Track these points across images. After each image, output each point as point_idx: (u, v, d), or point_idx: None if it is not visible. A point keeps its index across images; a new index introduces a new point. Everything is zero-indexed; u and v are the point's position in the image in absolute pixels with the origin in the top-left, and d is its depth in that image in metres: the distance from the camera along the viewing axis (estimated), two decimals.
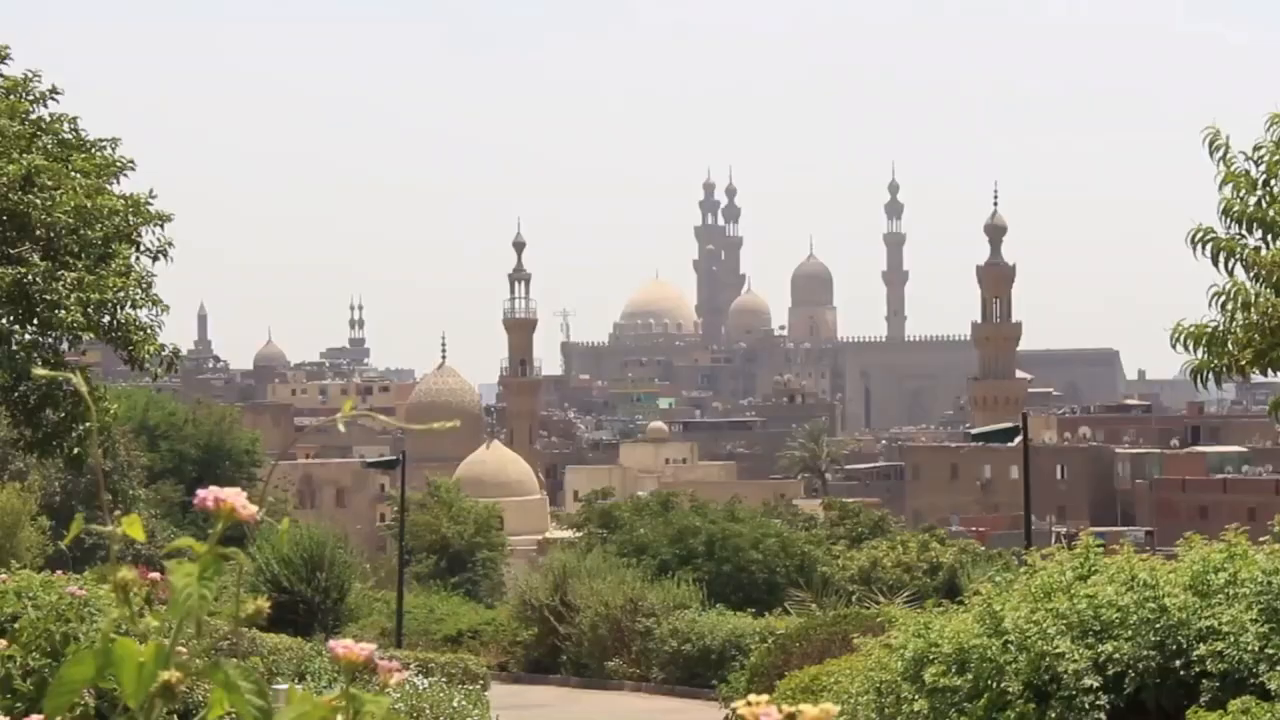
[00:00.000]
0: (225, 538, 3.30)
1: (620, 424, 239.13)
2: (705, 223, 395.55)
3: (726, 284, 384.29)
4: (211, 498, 3.45)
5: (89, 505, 61.78)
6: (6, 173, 25.21)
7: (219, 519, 3.47)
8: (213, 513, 3.46)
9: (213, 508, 3.45)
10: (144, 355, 26.43)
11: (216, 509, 3.45)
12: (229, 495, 3.45)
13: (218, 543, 3.38)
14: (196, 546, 3.40)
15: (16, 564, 17.23)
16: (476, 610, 57.68)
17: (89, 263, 25.68)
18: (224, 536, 3.31)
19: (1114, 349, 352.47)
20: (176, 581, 3.34)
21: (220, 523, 3.48)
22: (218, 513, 3.45)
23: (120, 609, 3.55)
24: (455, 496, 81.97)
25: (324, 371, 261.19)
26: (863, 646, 20.17)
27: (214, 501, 3.45)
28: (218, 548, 3.45)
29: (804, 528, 70.21)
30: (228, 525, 3.51)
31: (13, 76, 27.06)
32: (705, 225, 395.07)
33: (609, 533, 65.24)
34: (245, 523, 3.53)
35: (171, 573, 3.37)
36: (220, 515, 3.45)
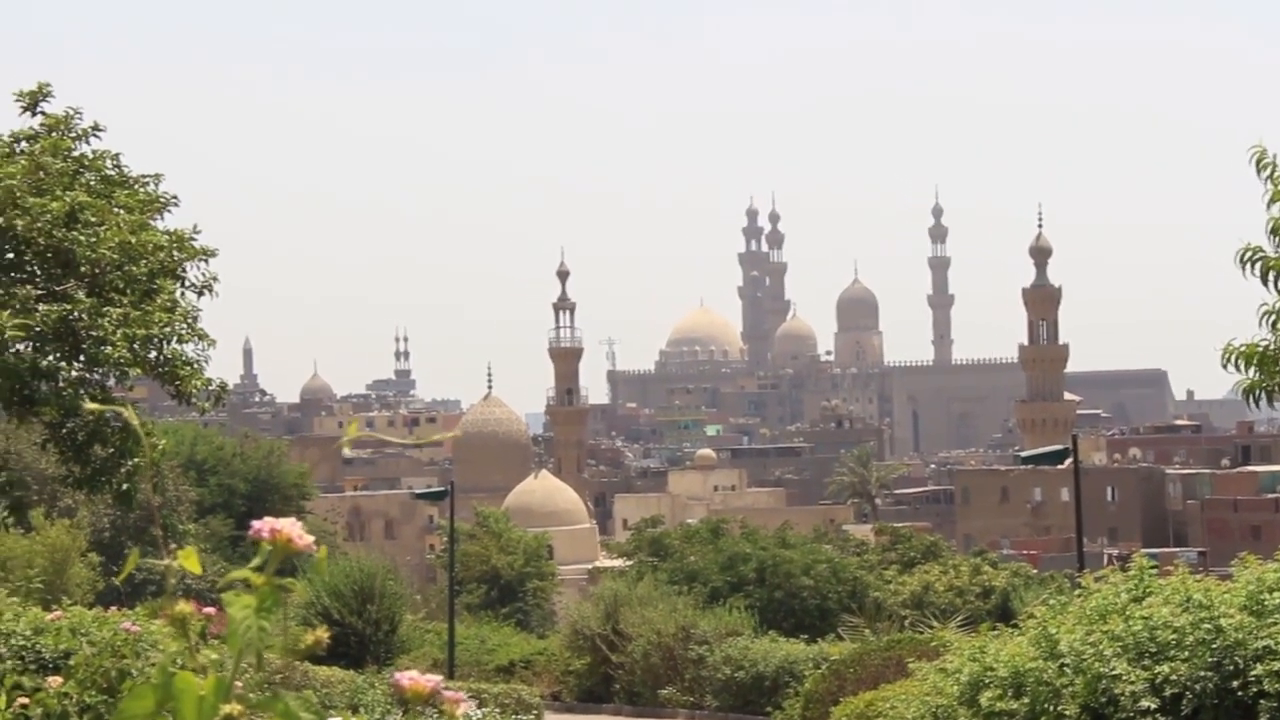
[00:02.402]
0: (278, 570, 3.29)
1: (668, 452, 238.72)
2: (749, 249, 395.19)
3: (771, 310, 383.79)
4: (267, 529, 3.45)
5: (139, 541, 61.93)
6: (50, 210, 25.29)
7: (275, 550, 3.45)
8: (268, 544, 3.45)
9: (268, 539, 3.44)
10: (191, 390, 26.46)
11: (272, 540, 3.45)
12: (285, 526, 3.45)
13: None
14: (254, 578, 3.39)
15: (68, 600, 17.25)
16: (528, 640, 57.52)
17: (134, 298, 25.72)
18: (279, 569, 3.31)
19: (1162, 369, 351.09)
20: (235, 614, 3.34)
21: (276, 554, 3.47)
22: (274, 544, 3.44)
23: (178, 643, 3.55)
24: (504, 527, 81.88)
25: (370, 403, 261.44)
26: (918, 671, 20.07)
27: (270, 533, 3.44)
28: (275, 579, 3.44)
29: (855, 553, 70.05)
30: (282, 557, 3.50)
31: (55, 114, 27.17)
32: (749, 251, 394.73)
33: (659, 561, 65.14)
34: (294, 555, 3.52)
35: (229, 605, 3.36)
36: (276, 547, 3.44)
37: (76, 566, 48.59)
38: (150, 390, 29.77)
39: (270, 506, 75.56)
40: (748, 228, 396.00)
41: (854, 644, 40.53)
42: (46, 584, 40.40)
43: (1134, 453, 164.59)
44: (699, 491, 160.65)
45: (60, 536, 48.82)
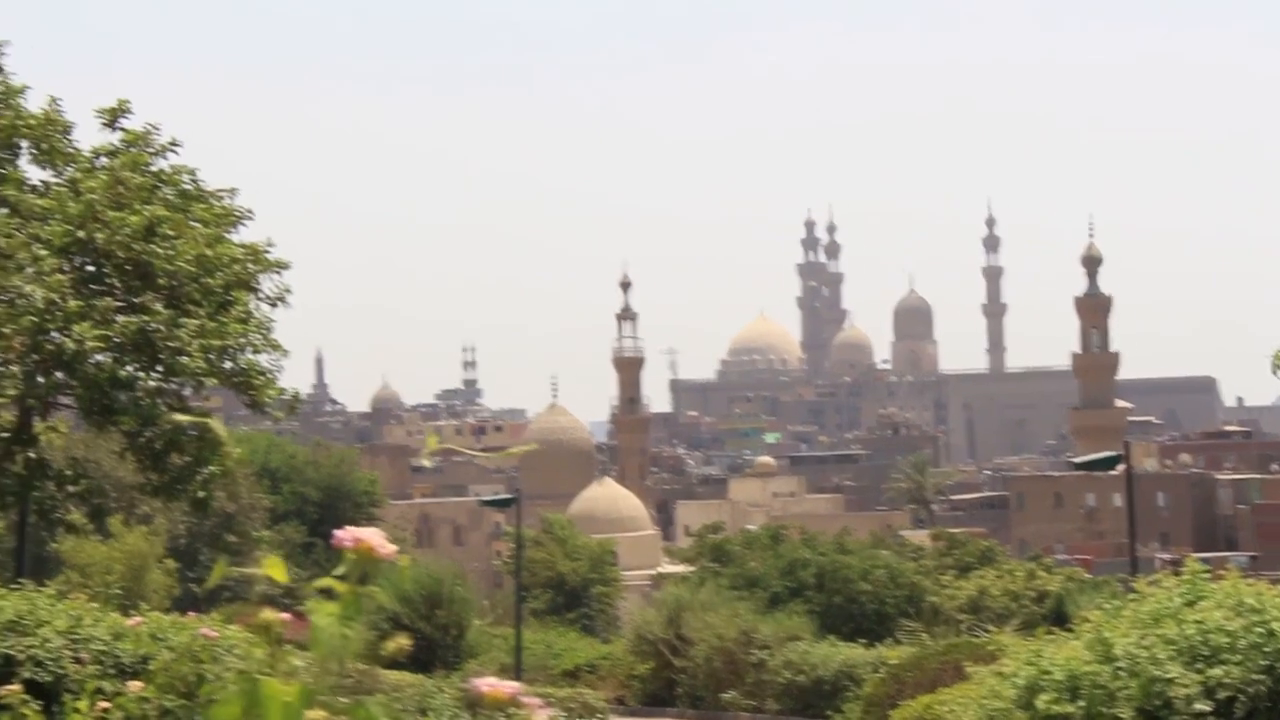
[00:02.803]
0: (345, 576, 3.29)
1: (728, 459, 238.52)
2: (807, 259, 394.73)
3: (829, 319, 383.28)
4: (351, 538, 3.45)
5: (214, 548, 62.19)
6: (129, 224, 25.42)
7: (358, 559, 3.46)
8: (352, 553, 3.45)
9: (352, 548, 3.45)
10: (265, 399, 26.58)
11: (356, 549, 3.45)
12: (367, 535, 3.45)
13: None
14: (338, 586, 3.39)
15: (145, 606, 17.30)
16: (593, 645, 57.45)
17: (210, 310, 25.85)
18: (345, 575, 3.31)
19: (1212, 376, 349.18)
20: (319, 621, 3.34)
21: (359, 563, 3.47)
22: (357, 553, 3.44)
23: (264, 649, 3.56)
24: (570, 533, 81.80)
25: (438, 413, 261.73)
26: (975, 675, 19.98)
27: (353, 542, 3.45)
28: (358, 587, 3.45)
29: (912, 558, 69.77)
30: (365, 565, 3.50)
31: (134, 130, 27.33)
32: (807, 262, 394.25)
33: (721, 566, 65.03)
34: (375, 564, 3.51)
35: (314, 613, 3.37)
36: (359, 555, 3.45)
37: (154, 572, 48.70)
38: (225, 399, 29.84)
39: (341, 514, 75.69)
40: (806, 239, 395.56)
41: (912, 648, 40.40)
42: (125, 589, 40.53)
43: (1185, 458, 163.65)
44: (759, 498, 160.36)
45: (138, 543, 48.96)
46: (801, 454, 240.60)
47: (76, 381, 25.35)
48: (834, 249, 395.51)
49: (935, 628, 50.37)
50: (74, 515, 30.97)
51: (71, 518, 31.39)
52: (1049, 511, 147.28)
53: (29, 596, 14.60)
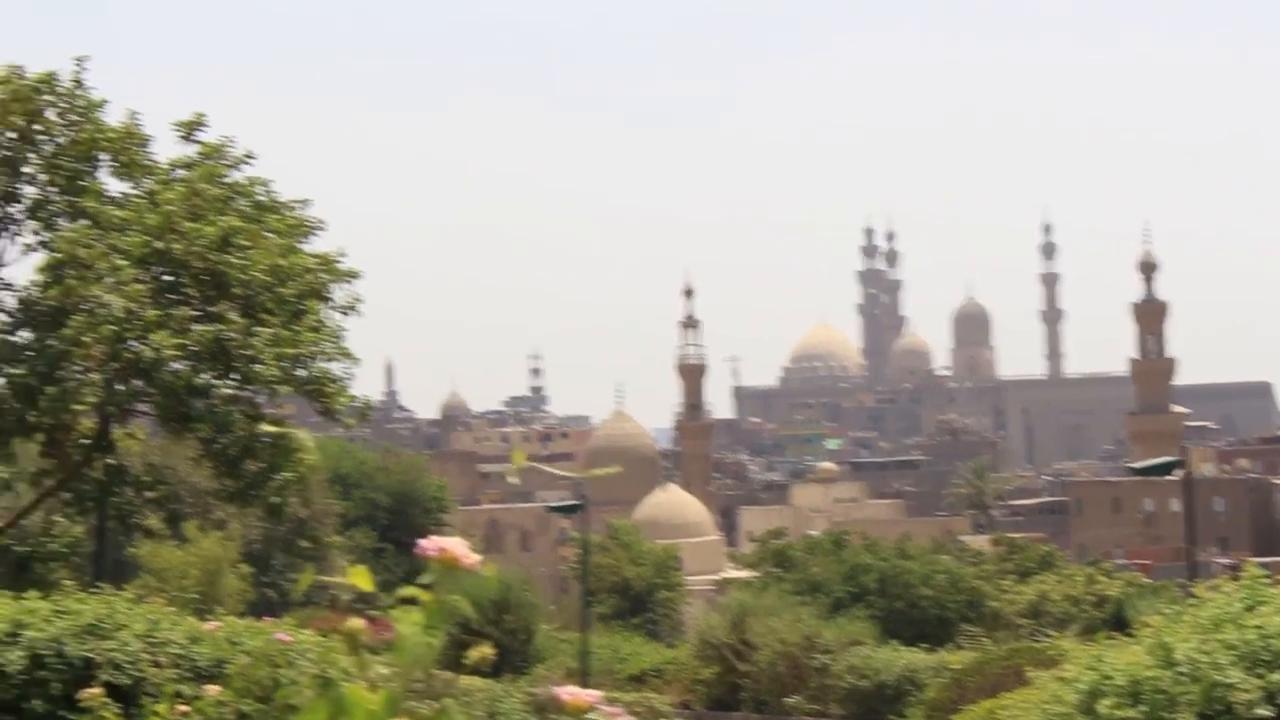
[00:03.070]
0: (417, 581, 3.27)
1: (790, 465, 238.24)
2: (867, 266, 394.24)
3: (888, 326, 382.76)
4: (435, 547, 3.42)
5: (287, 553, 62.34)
6: (205, 234, 25.54)
7: (442, 568, 3.43)
8: (435, 562, 3.42)
9: (436, 557, 3.42)
10: (337, 406, 26.64)
11: (440, 559, 3.42)
12: (452, 545, 3.42)
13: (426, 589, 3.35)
14: (422, 595, 3.38)
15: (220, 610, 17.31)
16: (658, 650, 57.40)
17: (284, 319, 25.93)
18: (417, 580, 3.29)
19: (1268, 381, 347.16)
20: (404, 630, 3.32)
21: (443, 572, 3.44)
22: (441, 562, 3.41)
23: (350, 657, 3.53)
24: (635, 538, 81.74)
25: (506, 419, 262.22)
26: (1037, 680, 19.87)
27: (437, 551, 3.42)
28: (443, 596, 3.43)
29: (972, 563, 69.54)
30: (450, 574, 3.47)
31: (209, 143, 27.47)
32: (867, 269, 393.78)
33: (784, 572, 64.95)
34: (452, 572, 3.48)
35: (399, 621, 3.35)
36: (443, 564, 3.42)
37: (228, 577, 48.83)
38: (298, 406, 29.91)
39: (411, 520, 75.81)
40: (865, 246, 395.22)
41: (973, 653, 40.28)
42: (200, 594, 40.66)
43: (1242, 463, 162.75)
44: (821, 504, 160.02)
45: (213, 548, 49.09)
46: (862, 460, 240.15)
47: (154, 389, 25.47)
48: (893, 256, 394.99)
49: (996, 633, 50.22)
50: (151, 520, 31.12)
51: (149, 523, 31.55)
52: (1107, 516, 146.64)
53: (108, 600, 14.62)
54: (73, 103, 27.00)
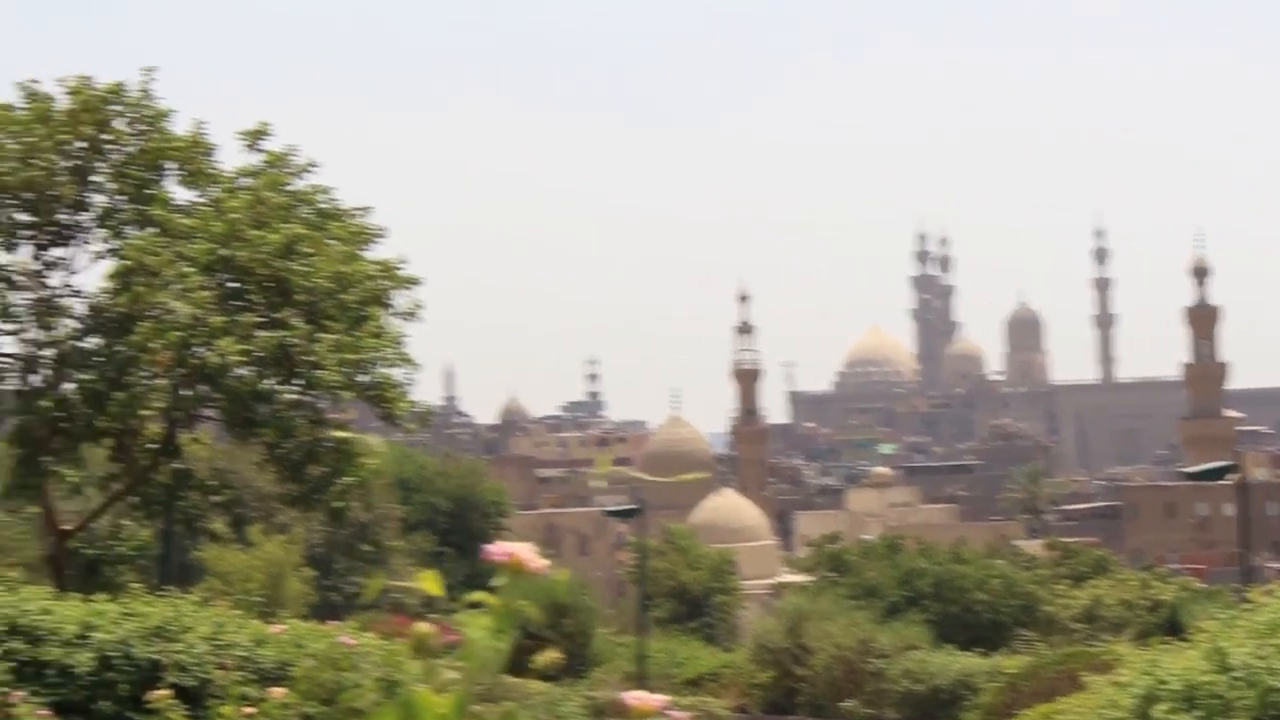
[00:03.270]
0: (476, 585, 3.27)
1: (845, 469, 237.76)
2: (919, 272, 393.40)
3: (941, 331, 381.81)
4: (503, 552, 3.42)
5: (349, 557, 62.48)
6: (270, 242, 25.63)
7: (510, 574, 3.42)
8: (504, 567, 3.42)
9: (504, 562, 3.42)
10: (398, 412, 26.69)
11: (508, 564, 3.42)
12: (519, 550, 3.42)
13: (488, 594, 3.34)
14: (490, 599, 3.38)
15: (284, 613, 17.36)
16: (714, 653, 57.31)
17: (346, 325, 25.99)
18: (477, 583, 3.28)
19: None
20: (472, 634, 3.32)
21: (511, 577, 3.44)
22: (509, 567, 3.41)
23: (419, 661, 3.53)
24: (691, 543, 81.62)
25: (563, 424, 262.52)
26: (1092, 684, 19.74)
27: (505, 556, 3.42)
28: (510, 601, 3.43)
29: (1026, 568, 69.30)
30: (518, 579, 3.47)
31: (273, 152, 27.57)
32: (920, 275, 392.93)
33: (839, 576, 64.81)
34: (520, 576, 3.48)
35: (467, 626, 3.34)
36: (511, 569, 3.42)
37: (291, 580, 48.94)
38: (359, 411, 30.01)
39: (470, 524, 75.94)
40: (918, 251, 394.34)
41: (1028, 657, 40.12)
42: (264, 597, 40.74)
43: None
44: (875, 508, 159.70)
45: (277, 551, 49.23)
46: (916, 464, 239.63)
47: (220, 394, 25.55)
48: (946, 262, 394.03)
49: (1050, 637, 50.01)
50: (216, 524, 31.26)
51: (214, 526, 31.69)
52: (1161, 521, 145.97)
53: (174, 603, 14.68)
54: (140, 112, 27.12)
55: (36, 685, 12.77)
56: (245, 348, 25.00)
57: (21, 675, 12.68)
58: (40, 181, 26.15)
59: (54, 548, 28.31)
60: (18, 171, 25.97)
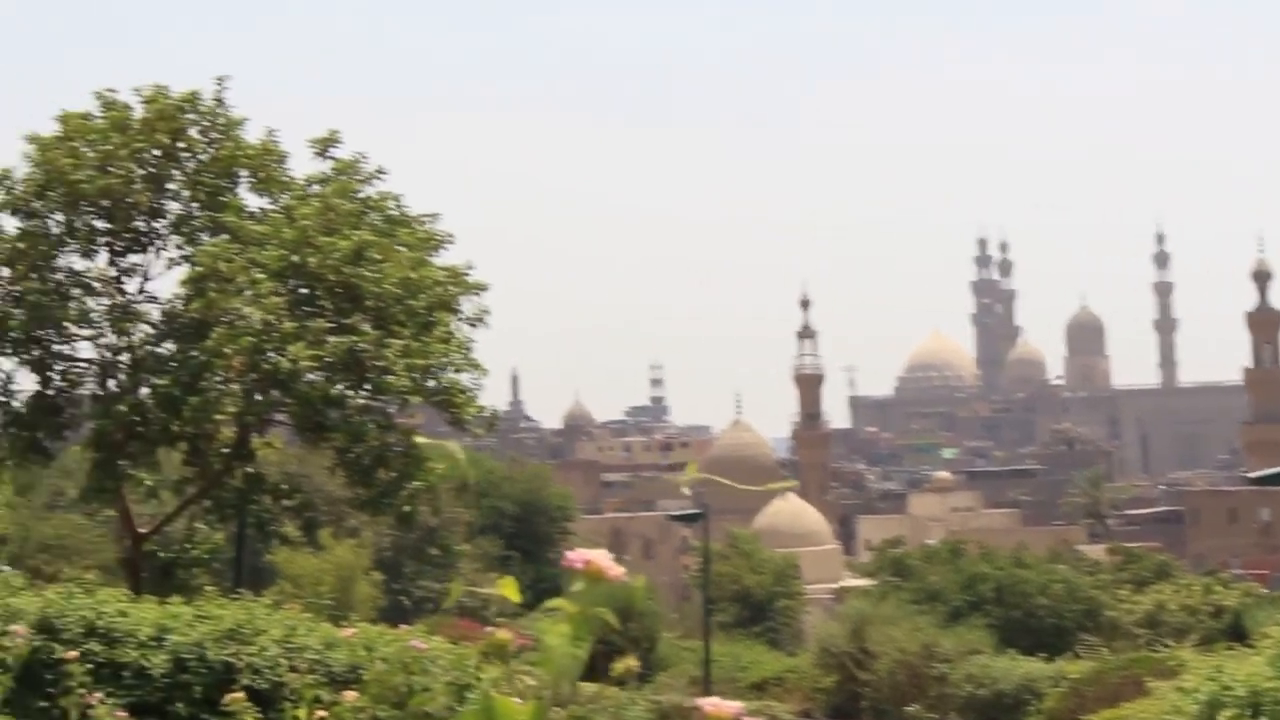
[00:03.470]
0: (542, 589, 3.23)
1: (907, 474, 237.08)
2: (980, 277, 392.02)
3: (1002, 336, 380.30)
4: (581, 559, 3.40)
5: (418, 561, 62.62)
6: (340, 248, 25.73)
7: (588, 580, 3.40)
8: (580, 573, 3.40)
9: (582, 569, 3.40)
10: (466, 417, 26.75)
11: (585, 571, 3.40)
12: (596, 556, 3.40)
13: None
14: (567, 606, 3.36)
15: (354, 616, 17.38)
16: (778, 658, 57.19)
17: (414, 330, 26.08)
18: (543, 588, 3.25)
19: None
20: (550, 641, 3.30)
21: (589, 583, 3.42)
22: (587, 574, 3.39)
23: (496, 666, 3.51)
24: (755, 547, 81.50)
25: (628, 429, 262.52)
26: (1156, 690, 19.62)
27: (583, 563, 3.40)
28: (589, 608, 3.41)
29: (1088, 573, 68.94)
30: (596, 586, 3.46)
31: (343, 159, 27.70)
32: (980, 279, 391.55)
33: (901, 580, 64.62)
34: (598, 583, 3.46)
35: (545, 633, 3.33)
36: (588, 575, 3.40)
37: (361, 584, 49.05)
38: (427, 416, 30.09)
39: (536, 528, 75.99)
40: (978, 256, 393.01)
41: (1091, 662, 39.89)
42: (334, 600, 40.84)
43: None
44: (937, 513, 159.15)
45: (347, 555, 49.35)
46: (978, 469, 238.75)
47: (291, 399, 25.66)
48: (1006, 266, 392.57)
49: (1113, 642, 49.72)
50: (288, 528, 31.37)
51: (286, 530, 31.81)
52: (1224, 526, 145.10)
53: (247, 606, 14.73)
54: (214, 121, 27.29)
55: (113, 686, 12.83)
56: (316, 353, 25.11)
57: (99, 676, 12.74)
58: (117, 189, 26.34)
59: (130, 550, 28.48)
60: (95, 179, 26.17)
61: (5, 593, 14.17)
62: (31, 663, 12.77)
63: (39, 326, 26.27)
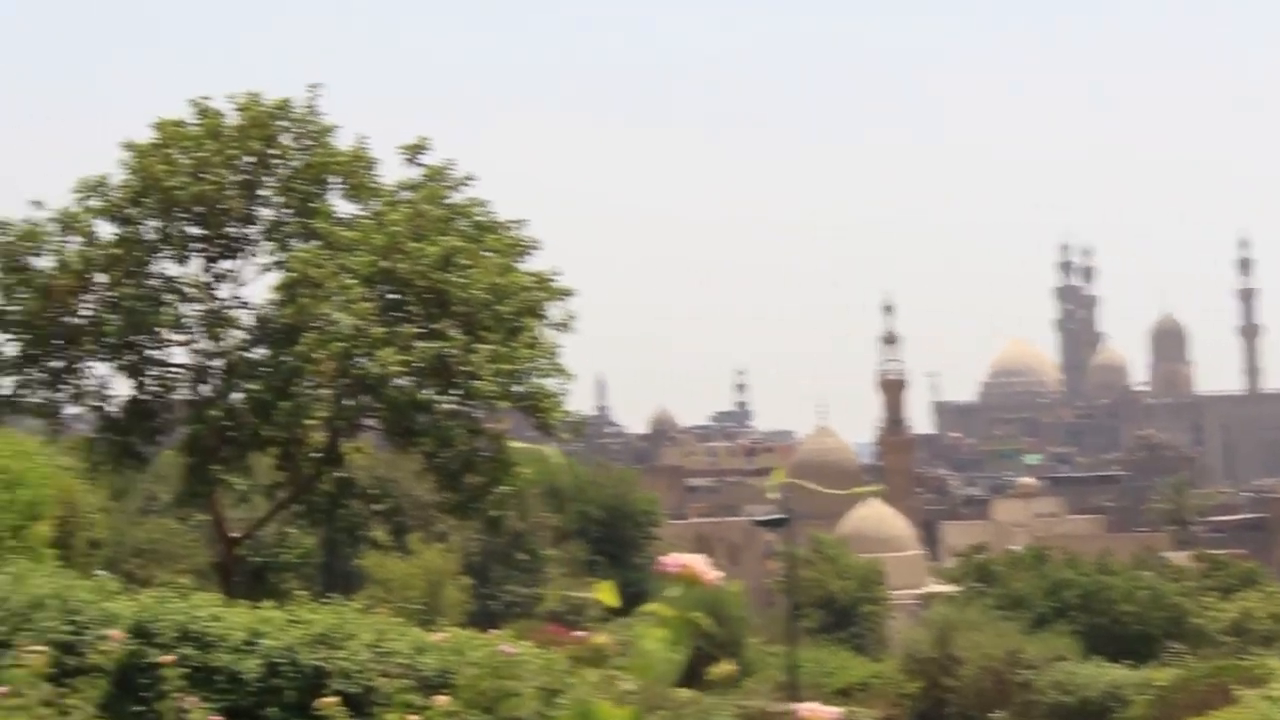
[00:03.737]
0: (628, 594, 3.18)
1: (990, 480, 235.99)
2: (1063, 283, 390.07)
3: (1085, 342, 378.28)
4: (677, 564, 3.39)
5: (505, 566, 62.68)
6: (428, 254, 25.80)
7: (685, 585, 3.39)
8: (677, 578, 3.39)
9: (679, 574, 3.38)
10: (552, 421, 26.77)
11: (682, 575, 3.38)
12: (693, 561, 3.38)
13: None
14: (663, 611, 3.34)
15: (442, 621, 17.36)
16: (864, 663, 56.92)
17: (502, 336, 26.10)
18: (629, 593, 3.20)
19: None
20: (648, 646, 3.29)
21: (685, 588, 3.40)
22: (683, 579, 3.37)
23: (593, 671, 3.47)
24: (840, 552, 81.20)
25: (712, 434, 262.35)
26: (1244, 699, 19.41)
27: (679, 568, 3.38)
28: (686, 613, 3.40)
29: (1173, 580, 68.38)
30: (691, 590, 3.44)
31: (432, 166, 27.78)
32: (1063, 285, 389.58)
33: (986, 586, 64.28)
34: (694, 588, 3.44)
35: (643, 638, 3.32)
36: (684, 580, 3.38)
37: (449, 588, 49.09)
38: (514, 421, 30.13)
39: (622, 533, 75.93)
40: (1061, 262, 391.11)
41: (1178, 670, 39.56)
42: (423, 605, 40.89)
43: None
44: (1021, 519, 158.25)
45: (435, 559, 49.41)
46: (1061, 475, 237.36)
47: (380, 404, 25.75)
48: (1089, 272, 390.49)
49: (1199, 650, 49.31)
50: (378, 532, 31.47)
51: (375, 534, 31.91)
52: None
53: (338, 610, 14.71)
54: (306, 128, 27.42)
55: (207, 691, 12.83)
56: (405, 358, 25.17)
57: (193, 681, 12.75)
58: (210, 196, 26.49)
59: (222, 555, 28.61)
60: (189, 186, 26.32)
61: (101, 597, 14.21)
62: (127, 667, 12.80)
63: (134, 332, 26.42)
